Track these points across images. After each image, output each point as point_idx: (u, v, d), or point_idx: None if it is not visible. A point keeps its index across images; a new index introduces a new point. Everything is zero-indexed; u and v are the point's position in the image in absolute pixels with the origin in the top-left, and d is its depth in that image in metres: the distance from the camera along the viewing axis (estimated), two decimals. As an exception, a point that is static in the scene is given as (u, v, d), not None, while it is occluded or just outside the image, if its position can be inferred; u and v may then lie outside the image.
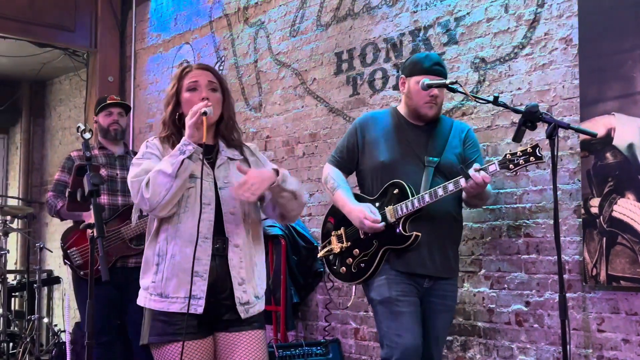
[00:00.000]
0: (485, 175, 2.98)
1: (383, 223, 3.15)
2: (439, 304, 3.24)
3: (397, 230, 3.15)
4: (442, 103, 3.40)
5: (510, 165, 3.01)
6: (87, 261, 4.16)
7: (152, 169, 2.44)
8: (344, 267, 3.30)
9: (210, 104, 2.50)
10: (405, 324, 3.06)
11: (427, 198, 3.10)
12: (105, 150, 4.39)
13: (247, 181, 2.42)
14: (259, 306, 2.61)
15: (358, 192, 3.41)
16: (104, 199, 4.25)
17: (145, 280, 2.56)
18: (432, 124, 3.32)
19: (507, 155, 3.03)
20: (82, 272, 4.20)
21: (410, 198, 3.13)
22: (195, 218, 2.45)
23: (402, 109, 3.39)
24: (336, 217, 3.40)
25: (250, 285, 2.55)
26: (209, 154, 2.57)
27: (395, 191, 3.18)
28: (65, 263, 4.36)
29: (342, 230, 3.33)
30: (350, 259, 3.27)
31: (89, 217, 4.13)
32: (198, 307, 2.44)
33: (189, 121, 2.44)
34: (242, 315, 2.52)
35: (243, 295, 2.52)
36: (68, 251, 4.28)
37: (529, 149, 2.99)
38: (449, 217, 3.28)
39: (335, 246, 3.32)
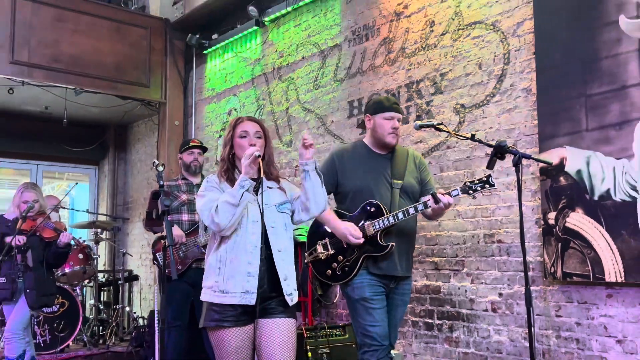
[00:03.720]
0: (450, 198, 2.96)
1: (363, 239, 3.05)
2: (399, 300, 3.16)
3: (376, 241, 3.06)
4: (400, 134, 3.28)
5: (470, 191, 2.96)
6: (169, 262, 4.19)
7: (216, 199, 2.50)
8: (329, 270, 3.18)
9: (259, 149, 2.57)
10: (377, 317, 3.01)
11: (400, 216, 3.02)
12: (186, 180, 4.44)
13: (305, 137, 2.56)
14: (296, 297, 2.61)
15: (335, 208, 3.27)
16: (185, 217, 4.29)
17: (208, 281, 2.55)
18: (392, 152, 3.21)
19: (467, 182, 2.98)
20: (167, 270, 4.22)
21: (386, 215, 3.05)
22: (248, 232, 2.52)
23: (367, 140, 3.25)
24: (318, 230, 3.26)
25: (291, 280, 2.58)
26: (255, 185, 2.59)
27: (372, 209, 3.09)
28: (154, 263, 4.38)
29: (326, 240, 3.19)
30: (335, 264, 3.15)
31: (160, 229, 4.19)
32: (251, 300, 2.46)
33: (245, 162, 2.49)
34: (290, 303, 2.54)
35: (287, 288, 2.54)
36: (157, 254, 4.33)
37: (483, 177, 2.95)
38: (410, 230, 3.20)
39: (322, 253, 3.18)
